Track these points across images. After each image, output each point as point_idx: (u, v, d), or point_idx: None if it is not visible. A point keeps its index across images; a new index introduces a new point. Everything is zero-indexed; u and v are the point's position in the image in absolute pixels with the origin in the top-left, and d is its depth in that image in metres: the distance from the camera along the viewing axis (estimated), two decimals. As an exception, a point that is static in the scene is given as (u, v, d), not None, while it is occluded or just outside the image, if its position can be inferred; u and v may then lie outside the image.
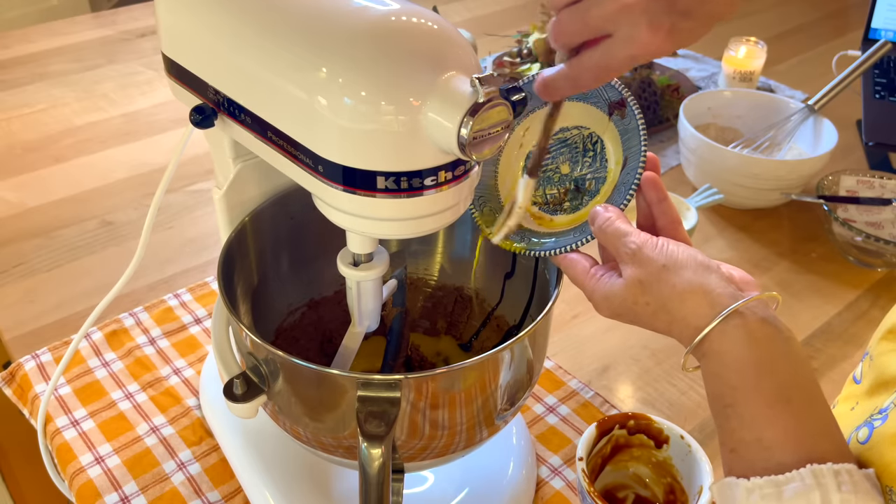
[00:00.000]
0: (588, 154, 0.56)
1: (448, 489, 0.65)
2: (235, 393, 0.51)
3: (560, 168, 0.57)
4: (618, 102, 0.54)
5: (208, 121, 0.52)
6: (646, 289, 0.47)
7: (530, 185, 0.54)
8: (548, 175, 0.57)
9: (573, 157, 0.56)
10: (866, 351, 0.58)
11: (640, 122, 0.52)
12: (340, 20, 0.43)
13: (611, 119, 0.55)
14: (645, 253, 0.48)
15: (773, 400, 0.43)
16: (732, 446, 0.45)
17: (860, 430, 0.49)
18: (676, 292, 0.47)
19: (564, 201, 0.56)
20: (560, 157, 0.56)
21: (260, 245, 0.62)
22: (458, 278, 0.70)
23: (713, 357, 0.45)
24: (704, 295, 0.46)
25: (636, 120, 0.53)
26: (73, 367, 0.77)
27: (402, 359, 0.65)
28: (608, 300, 0.49)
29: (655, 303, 0.47)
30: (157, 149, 1.14)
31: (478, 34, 1.48)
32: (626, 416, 0.62)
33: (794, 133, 1.05)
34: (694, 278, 0.46)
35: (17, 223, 0.98)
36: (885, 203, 0.96)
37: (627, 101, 0.53)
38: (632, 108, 0.53)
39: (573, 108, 0.56)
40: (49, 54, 1.40)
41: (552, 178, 0.57)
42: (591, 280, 0.51)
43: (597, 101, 0.55)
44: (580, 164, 0.56)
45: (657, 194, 0.53)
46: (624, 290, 0.48)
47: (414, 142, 0.42)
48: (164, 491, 0.66)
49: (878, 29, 1.35)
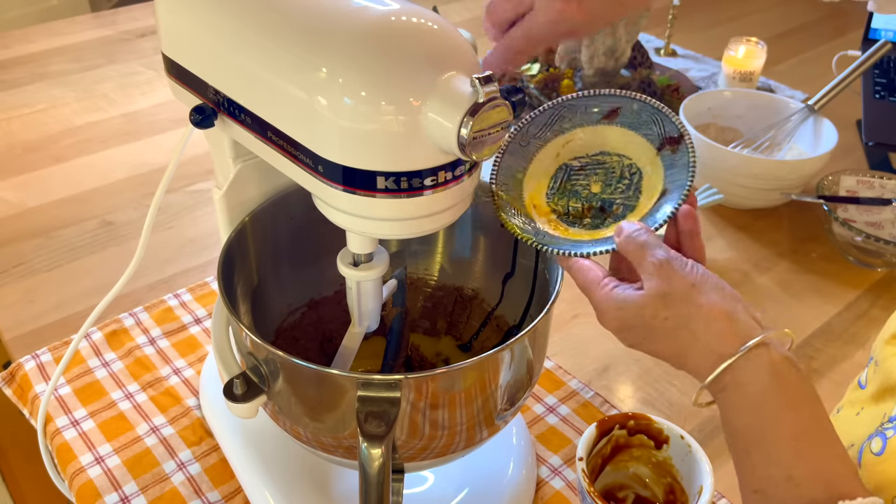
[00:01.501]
0: (623, 181, 0.55)
1: (448, 489, 0.65)
2: (235, 393, 0.51)
3: (590, 186, 0.56)
4: (674, 139, 0.54)
5: (208, 121, 0.52)
6: (669, 303, 0.46)
7: None
8: (575, 189, 0.56)
9: (607, 180, 0.55)
10: (871, 356, 0.58)
11: (692, 160, 0.52)
12: (340, 20, 0.43)
13: (659, 153, 0.54)
14: (673, 267, 0.46)
15: (800, 436, 0.42)
16: (757, 486, 0.43)
17: (873, 441, 0.49)
18: (702, 313, 0.45)
19: (586, 217, 0.55)
20: (593, 177, 0.56)
21: (260, 245, 0.62)
22: (458, 278, 0.70)
23: (736, 389, 0.44)
24: (731, 322, 0.45)
25: (689, 157, 0.52)
26: (73, 367, 0.77)
27: (402, 359, 0.65)
28: (620, 310, 0.47)
29: (676, 319, 0.45)
30: (157, 149, 1.14)
31: (478, 34, 1.48)
32: (626, 416, 0.62)
33: (794, 133, 1.05)
34: (721, 303, 0.45)
35: (17, 223, 0.98)
36: (885, 203, 0.96)
37: (685, 139, 0.53)
38: (687, 146, 0.52)
39: (621, 134, 0.55)
40: (49, 54, 1.40)
41: (580, 192, 0.56)
42: (603, 289, 0.49)
43: (650, 133, 0.55)
44: (612, 188, 0.55)
45: (692, 227, 0.51)
46: (643, 300, 0.46)
47: (414, 142, 0.42)
48: (164, 491, 0.66)
49: (878, 29, 1.35)
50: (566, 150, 0.57)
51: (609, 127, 0.56)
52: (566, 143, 0.57)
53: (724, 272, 0.93)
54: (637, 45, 1.28)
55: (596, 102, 0.56)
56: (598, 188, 0.55)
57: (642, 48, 1.30)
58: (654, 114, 0.55)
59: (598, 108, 0.57)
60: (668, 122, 0.54)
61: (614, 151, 0.56)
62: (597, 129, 0.56)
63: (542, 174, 0.56)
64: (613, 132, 0.56)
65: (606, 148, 0.56)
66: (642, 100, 0.55)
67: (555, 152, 0.57)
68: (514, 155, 0.56)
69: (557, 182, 0.56)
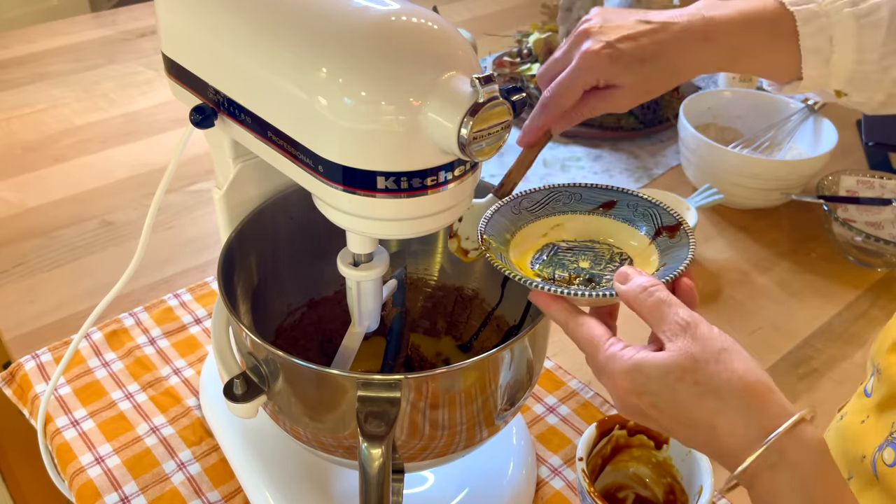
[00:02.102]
0: (612, 264, 0.54)
1: (448, 489, 0.65)
2: (235, 393, 0.51)
3: (579, 262, 0.55)
4: (671, 226, 0.54)
5: (208, 121, 0.52)
6: (699, 367, 0.41)
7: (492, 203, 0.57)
8: (562, 262, 0.55)
9: (596, 261, 0.55)
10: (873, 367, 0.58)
11: (692, 243, 0.52)
12: (340, 20, 0.43)
13: (654, 241, 0.55)
14: (702, 330, 0.42)
15: None
16: None
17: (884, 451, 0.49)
18: (737, 377, 0.40)
19: (573, 284, 0.53)
20: (581, 257, 0.55)
21: (260, 245, 0.62)
22: (458, 278, 0.70)
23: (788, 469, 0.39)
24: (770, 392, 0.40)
25: (688, 238, 0.52)
26: (73, 367, 0.77)
27: (402, 359, 0.65)
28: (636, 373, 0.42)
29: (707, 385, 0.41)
30: (157, 149, 1.14)
31: (478, 34, 1.48)
32: (626, 416, 0.62)
33: (794, 133, 1.05)
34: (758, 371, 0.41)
35: (17, 223, 0.98)
36: (885, 203, 0.96)
37: (682, 226, 0.53)
38: (685, 231, 0.53)
39: (612, 225, 0.57)
40: (49, 54, 1.40)
41: (567, 265, 0.55)
42: (610, 348, 0.44)
43: (644, 226, 0.56)
44: (602, 267, 0.54)
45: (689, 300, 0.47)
46: (669, 362, 0.41)
47: (414, 142, 0.42)
48: (164, 491, 0.66)
49: (878, 29, 1.35)
50: (554, 231, 0.57)
51: (602, 218, 0.57)
52: (555, 225, 0.58)
53: (724, 272, 0.93)
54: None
55: (592, 194, 0.58)
56: (586, 264, 0.55)
57: (642, 48, 1.30)
58: (651, 208, 0.56)
59: (593, 199, 0.58)
60: (666, 214, 0.55)
61: (604, 241, 0.57)
62: (589, 218, 0.57)
63: (529, 247, 0.56)
64: (605, 223, 0.57)
65: (597, 237, 0.57)
66: (639, 196, 0.57)
67: (543, 231, 0.57)
68: (506, 217, 0.57)
69: (544, 255, 0.56)
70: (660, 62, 0.59)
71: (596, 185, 0.58)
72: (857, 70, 0.60)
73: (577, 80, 0.59)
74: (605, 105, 0.60)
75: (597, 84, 0.59)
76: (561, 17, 1.20)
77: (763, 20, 0.60)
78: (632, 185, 1.09)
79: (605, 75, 0.58)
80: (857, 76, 0.61)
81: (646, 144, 1.19)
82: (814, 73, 0.61)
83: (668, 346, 0.42)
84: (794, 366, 0.81)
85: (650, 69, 0.59)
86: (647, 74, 0.59)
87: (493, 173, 1.10)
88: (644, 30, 0.59)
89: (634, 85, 0.59)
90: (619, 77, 0.59)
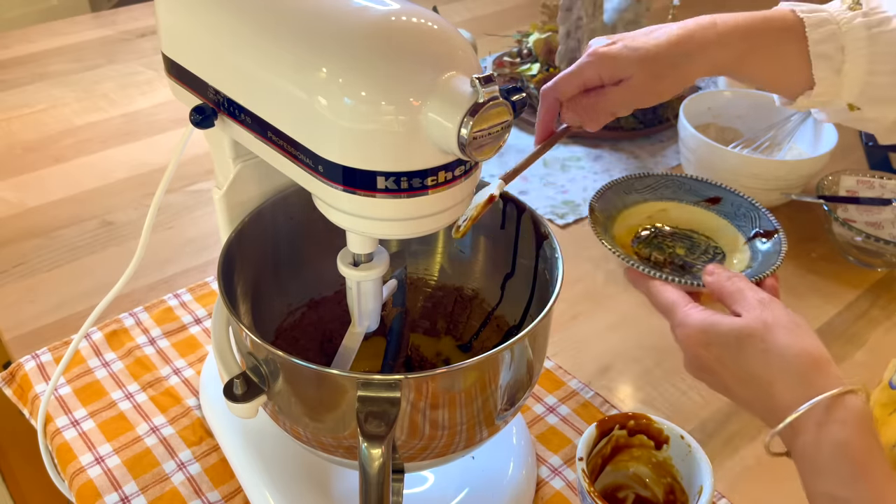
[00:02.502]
0: (705, 255, 0.60)
1: (448, 489, 0.65)
2: (235, 393, 0.51)
3: (675, 248, 0.60)
4: (769, 231, 0.60)
5: (208, 121, 0.52)
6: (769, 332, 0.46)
7: (500, 187, 0.57)
8: (661, 245, 0.61)
9: (691, 250, 0.61)
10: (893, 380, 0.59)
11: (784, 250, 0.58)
12: (340, 20, 0.43)
13: (748, 242, 0.60)
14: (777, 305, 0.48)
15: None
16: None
17: None
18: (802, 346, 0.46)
19: (666, 269, 0.58)
20: (679, 243, 0.61)
21: (260, 245, 0.62)
22: (458, 278, 0.70)
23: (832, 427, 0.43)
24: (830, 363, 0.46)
25: (781, 246, 0.58)
26: (73, 367, 0.77)
27: (402, 359, 0.65)
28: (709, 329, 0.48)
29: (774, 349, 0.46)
30: (157, 149, 1.14)
31: (478, 34, 1.48)
32: (626, 416, 0.62)
33: (794, 133, 1.05)
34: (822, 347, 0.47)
35: (17, 223, 0.98)
36: (885, 203, 0.96)
37: (779, 233, 0.59)
38: (780, 239, 0.59)
39: (715, 220, 0.62)
40: (49, 54, 1.40)
41: (664, 248, 0.60)
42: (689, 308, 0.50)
43: (743, 225, 0.61)
44: (696, 256, 0.60)
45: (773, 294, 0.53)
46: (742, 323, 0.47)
47: (414, 142, 0.42)
48: (164, 491, 0.66)
49: (878, 29, 1.35)
50: (659, 214, 0.63)
51: (705, 211, 0.63)
52: (661, 209, 0.63)
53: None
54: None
55: (701, 187, 0.64)
56: (681, 251, 0.60)
57: (642, 48, 1.30)
58: (752, 210, 0.62)
59: (701, 192, 0.64)
60: (766, 219, 0.61)
61: (703, 233, 0.62)
62: (694, 209, 0.63)
63: (633, 224, 0.62)
64: (707, 216, 0.63)
65: (698, 228, 0.62)
66: (743, 196, 0.63)
67: (649, 213, 0.63)
68: (617, 194, 0.62)
69: (645, 236, 0.62)
70: (668, 57, 0.59)
71: (706, 180, 0.63)
72: (869, 82, 0.60)
73: (578, 70, 0.59)
74: (614, 99, 0.60)
75: (602, 81, 0.59)
76: (561, 17, 1.20)
77: (772, 23, 0.60)
78: (632, 185, 1.09)
79: (611, 68, 0.58)
80: (870, 88, 0.60)
81: (646, 144, 1.19)
82: (825, 79, 0.60)
83: (744, 315, 0.48)
84: (794, 366, 0.81)
85: (658, 64, 0.59)
86: (655, 69, 0.59)
87: (493, 173, 1.10)
88: (653, 31, 0.60)
89: (642, 79, 0.59)
90: (626, 69, 0.58)
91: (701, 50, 0.60)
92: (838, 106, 0.63)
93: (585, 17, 1.14)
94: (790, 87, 0.63)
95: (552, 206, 1.04)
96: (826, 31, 0.59)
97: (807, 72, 0.61)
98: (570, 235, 0.99)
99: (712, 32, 0.60)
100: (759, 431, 0.73)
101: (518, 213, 0.62)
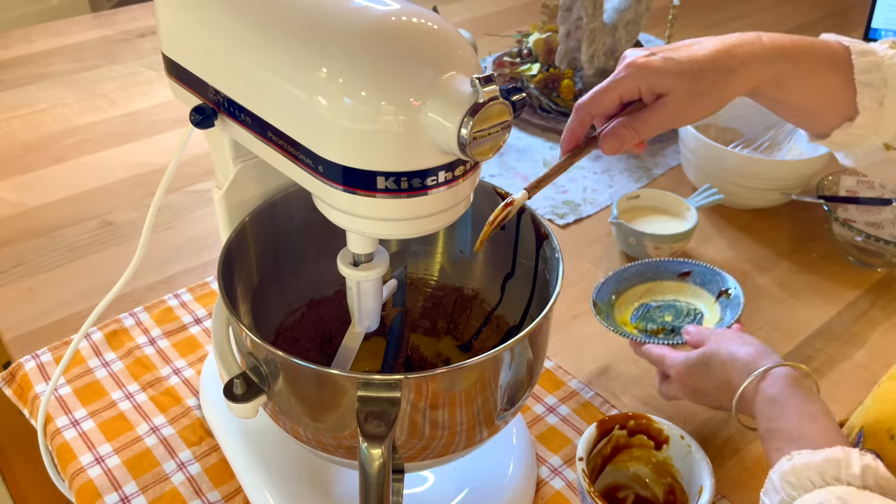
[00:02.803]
0: (688, 317, 0.76)
1: (448, 489, 0.65)
2: (235, 393, 0.51)
3: (664, 317, 0.77)
4: (728, 290, 0.76)
5: (208, 121, 0.52)
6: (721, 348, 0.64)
7: (524, 197, 0.56)
8: (653, 317, 0.77)
9: (676, 316, 0.77)
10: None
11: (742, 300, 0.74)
12: (340, 20, 0.43)
13: (717, 300, 0.77)
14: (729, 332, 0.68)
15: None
16: None
17: None
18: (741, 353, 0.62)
19: (660, 334, 0.75)
20: (666, 313, 0.78)
21: (260, 245, 0.62)
22: (458, 278, 0.70)
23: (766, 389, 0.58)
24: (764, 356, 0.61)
25: (740, 297, 0.75)
26: (73, 367, 0.77)
27: (402, 359, 0.65)
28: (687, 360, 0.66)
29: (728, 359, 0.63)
30: (157, 149, 1.14)
31: (478, 34, 1.48)
32: (627, 416, 0.62)
33: (794, 133, 1.05)
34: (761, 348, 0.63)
35: (17, 223, 0.98)
36: (885, 203, 0.96)
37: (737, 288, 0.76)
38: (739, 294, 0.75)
39: (690, 289, 0.79)
40: (49, 54, 1.40)
41: (656, 319, 0.77)
42: (671, 356, 0.68)
43: (711, 288, 0.78)
44: (681, 320, 0.76)
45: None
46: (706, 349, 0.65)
47: (414, 142, 0.42)
48: (164, 491, 0.66)
49: (878, 29, 1.35)
50: (647, 294, 0.80)
51: (681, 283, 0.80)
52: (648, 290, 0.80)
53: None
54: (637, 45, 1.28)
55: (674, 265, 0.80)
56: (669, 318, 0.77)
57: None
58: (715, 276, 0.78)
59: (675, 269, 0.80)
60: (724, 279, 0.77)
61: (684, 300, 0.79)
62: (673, 283, 0.80)
63: (629, 305, 0.79)
64: (684, 287, 0.80)
65: (679, 297, 0.79)
66: (707, 266, 0.79)
67: (639, 294, 0.80)
68: (611, 285, 0.79)
69: (640, 312, 0.78)
70: (710, 72, 0.57)
71: (676, 259, 0.81)
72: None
73: (614, 83, 0.57)
74: (651, 117, 0.58)
75: (640, 95, 0.58)
76: (561, 17, 1.20)
77: (817, 47, 0.59)
78: (632, 185, 1.09)
79: (651, 81, 0.56)
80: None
81: (646, 144, 1.19)
82: (868, 110, 0.59)
83: (706, 346, 0.66)
84: (794, 366, 0.81)
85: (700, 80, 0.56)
86: (696, 85, 0.57)
87: (493, 173, 1.10)
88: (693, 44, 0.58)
89: (682, 95, 0.57)
90: (667, 83, 0.56)
91: (743, 65, 0.57)
92: (874, 144, 0.61)
93: (585, 17, 1.14)
94: (828, 116, 0.61)
95: (552, 206, 1.04)
96: (871, 61, 0.58)
97: (848, 102, 0.59)
98: (570, 235, 0.99)
99: (758, 46, 0.58)
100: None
101: (518, 213, 0.62)
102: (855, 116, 0.60)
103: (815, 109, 0.61)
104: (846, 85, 0.59)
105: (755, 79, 0.58)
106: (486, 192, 0.62)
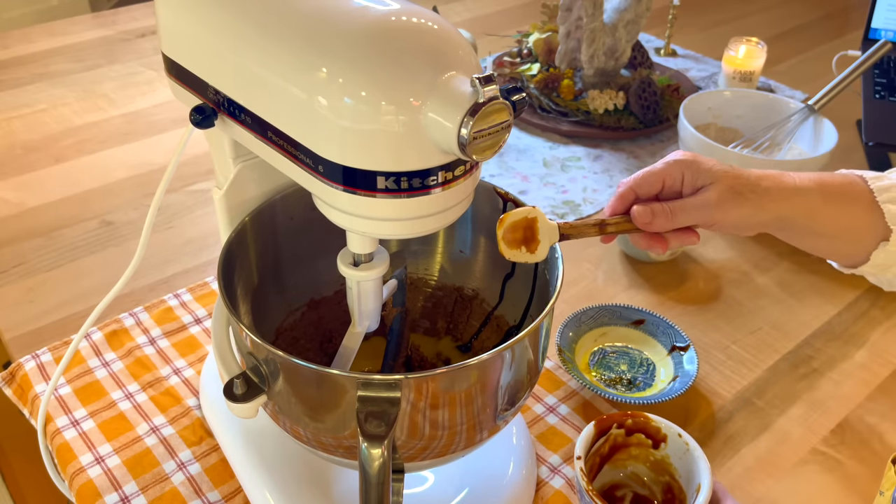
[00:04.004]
0: (642, 368, 0.79)
1: (448, 489, 0.65)
2: (235, 393, 0.51)
3: (620, 366, 0.79)
4: (682, 347, 0.79)
5: (208, 121, 0.52)
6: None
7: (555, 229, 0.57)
8: (609, 364, 0.79)
9: (631, 365, 0.79)
10: None
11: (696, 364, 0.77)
12: (340, 20, 0.43)
13: (669, 354, 0.79)
14: None
15: None
16: None
17: None
18: None
19: (618, 385, 0.77)
20: (621, 361, 0.80)
21: (260, 245, 0.62)
22: (458, 278, 0.70)
23: None
24: None
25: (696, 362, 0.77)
26: (73, 367, 0.77)
27: (402, 359, 0.65)
28: None
29: None
30: (157, 149, 1.14)
31: (478, 34, 1.48)
32: (625, 414, 0.63)
33: (794, 133, 1.05)
34: None
35: (17, 223, 0.98)
36: (884, 203, 0.96)
37: (691, 347, 0.78)
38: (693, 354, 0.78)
39: (642, 338, 0.81)
40: (49, 54, 1.40)
41: (612, 367, 0.79)
42: None
43: (663, 340, 0.80)
44: (635, 371, 0.78)
45: None
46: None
47: (414, 142, 0.42)
48: (164, 491, 0.67)
49: (878, 29, 1.35)
50: (602, 338, 0.82)
51: (634, 331, 0.82)
52: (602, 334, 0.82)
53: (724, 272, 0.93)
54: (637, 45, 1.28)
55: (629, 312, 0.82)
56: (624, 368, 0.79)
57: (642, 48, 1.30)
58: (668, 329, 0.81)
59: (629, 316, 0.82)
60: (679, 335, 0.80)
61: (636, 348, 0.81)
62: (626, 330, 0.82)
63: (587, 348, 0.81)
64: (637, 335, 0.82)
65: (631, 344, 0.81)
66: (660, 317, 0.81)
67: (595, 338, 0.82)
68: (570, 329, 0.80)
69: (596, 358, 0.80)
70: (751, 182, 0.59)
71: (631, 307, 0.82)
72: None
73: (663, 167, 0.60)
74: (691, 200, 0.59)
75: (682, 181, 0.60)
76: (561, 17, 1.20)
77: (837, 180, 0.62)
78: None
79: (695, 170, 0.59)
80: None
81: (646, 144, 1.19)
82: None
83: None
84: (794, 366, 0.81)
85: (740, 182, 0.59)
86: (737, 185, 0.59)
87: (493, 173, 1.11)
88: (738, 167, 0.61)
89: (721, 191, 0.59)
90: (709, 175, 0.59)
91: (780, 191, 0.60)
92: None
93: (585, 17, 1.14)
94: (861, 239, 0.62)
95: (552, 206, 1.04)
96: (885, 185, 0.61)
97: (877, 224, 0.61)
98: (570, 235, 0.99)
99: (789, 179, 0.61)
100: (759, 431, 0.74)
101: (518, 213, 0.62)
102: (889, 235, 0.60)
103: (848, 235, 0.62)
104: (872, 208, 0.61)
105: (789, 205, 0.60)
106: (487, 192, 0.62)
